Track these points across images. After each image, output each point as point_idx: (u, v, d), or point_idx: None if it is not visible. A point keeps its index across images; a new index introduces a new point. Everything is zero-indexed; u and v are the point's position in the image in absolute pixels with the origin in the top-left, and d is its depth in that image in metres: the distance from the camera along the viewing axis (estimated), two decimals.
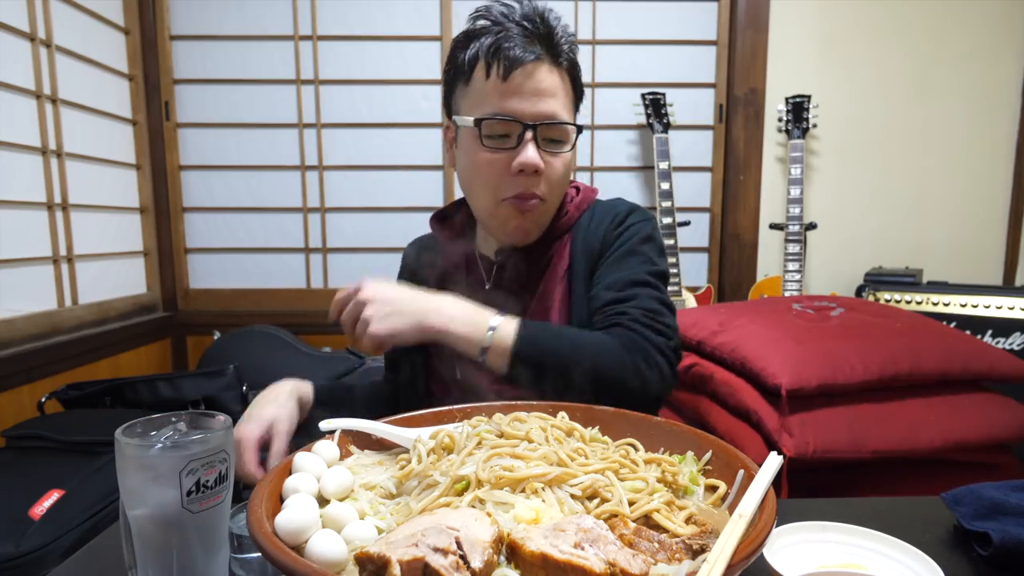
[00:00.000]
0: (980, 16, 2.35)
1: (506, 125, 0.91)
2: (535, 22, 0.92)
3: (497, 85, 0.90)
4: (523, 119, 0.90)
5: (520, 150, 0.90)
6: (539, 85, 0.91)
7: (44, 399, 1.66)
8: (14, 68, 1.70)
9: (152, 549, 0.51)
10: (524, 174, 0.91)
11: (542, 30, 0.92)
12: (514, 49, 0.89)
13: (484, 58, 0.91)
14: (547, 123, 0.91)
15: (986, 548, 0.65)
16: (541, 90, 0.91)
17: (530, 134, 0.90)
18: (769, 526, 0.45)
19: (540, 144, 0.92)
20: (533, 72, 0.90)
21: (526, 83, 0.90)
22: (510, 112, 0.90)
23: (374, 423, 0.67)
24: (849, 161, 2.43)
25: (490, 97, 0.91)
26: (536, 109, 0.91)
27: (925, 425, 1.20)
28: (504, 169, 0.92)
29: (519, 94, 0.90)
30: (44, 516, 1.22)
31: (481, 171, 0.93)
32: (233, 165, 2.39)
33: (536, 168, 0.91)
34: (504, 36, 0.90)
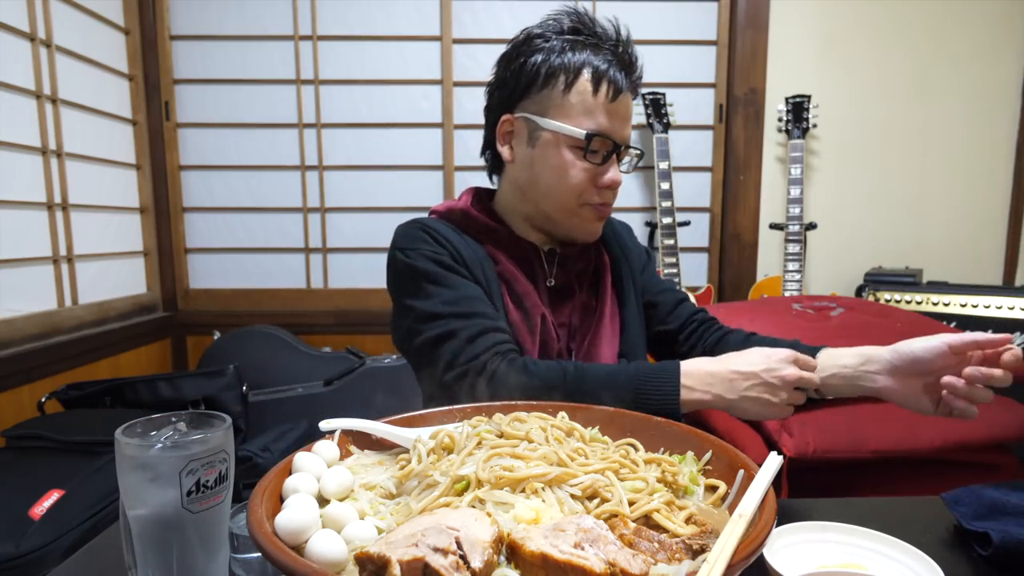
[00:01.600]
0: (980, 16, 2.35)
1: (605, 143, 0.98)
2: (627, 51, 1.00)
3: (605, 104, 0.96)
4: (618, 140, 0.98)
5: (609, 167, 0.99)
6: (628, 112, 1.00)
7: (44, 399, 1.66)
8: (14, 68, 1.70)
9: (152, 549, 0.51)
10: (611, 189, 1.00)
11: (628, 62, 1.00)
12: (618, 75, 0.97)
13: (592, 74, 0.96)
14: (629, 147, 1.02)
15: (986, 548, 0.65)
16: (628, 116, 1.01)
17: (616, 155, 0.99)
18: (769, 526, 0.45)
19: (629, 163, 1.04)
20: (626, 98, 0.99)
21: (622, 108, 0.98)
22: (611, 133, 0.97)
23: (374, 423, 0.67)
24: (849, 161, 2.43)
25: (597, 114, 0.96)
26: (624, 133, 1.00)
27: (925, 425, 1.20)
28: (592, 179, 0.99)
29: (619, 117, 0.98)
30: (44, 516, 1.22)
31: (572, 177, 0.99)
32: (233, 165, 2.39)
33: (618, 184, 1.01)
34: (606, 57, 0.97)
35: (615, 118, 0.98)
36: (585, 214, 1.02)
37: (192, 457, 0.50)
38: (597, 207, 1.01)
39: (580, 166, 0.98)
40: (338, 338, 2.36)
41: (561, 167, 0.99)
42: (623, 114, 0.99)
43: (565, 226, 1.04)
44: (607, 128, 0.97)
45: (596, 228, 1.05)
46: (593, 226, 1.05)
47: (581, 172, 0.98)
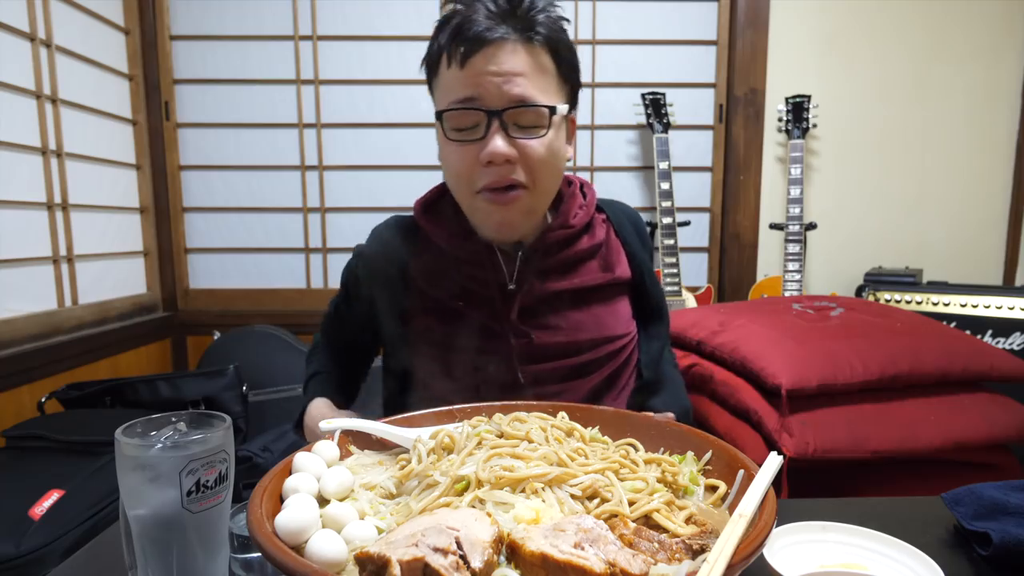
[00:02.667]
0: (980, 16, 2.35)
1: (469, 115, 0.84)
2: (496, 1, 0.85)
3: (457, 72, 0.84)
4: (487, 106, 0.83)
5: (488, 140, 0.83)
6: (502, 66, 0.83)
7: (44, 399, 1.66)
8: (14, 68, 1.70)
9: (152, 549, 0.51)
10: (495, 165, 0.84)
11: (507, 6, 0.85)
12: (473, 31, 0.82)
13: (446, 45, 0.85)
14: (513, 107, 0.83)
15: (986, 548, 0.65)
16: (505, 72, 0.83)
17: (496, 122, 0.83)
18: (769, 526, 0.45)
19: (511, 131, 0.84)
20: (495, 53, 0.83)
21: (487, 66, 0.83)
22: (472, 100, 0.83)
23: (374, 423, 0.67)
24: (849, 161, 2.43)
25: (452, 86, 0.85)
26: (501, 93, 0.83)
27: (925, 425, 1.20)
28: (474, 160, 0.85)
29: (481, 79, 0.83)
30: (44, 516, 1.22)
31: (452, 165, 0.89)
32: (233, 165, 2.39)
33: (505, 158, 0.84)
34: (466, 19, 0.83)
35: (475, 81, 0.83)
36: (479, 204, 0.89)
37: (192, 457, 0.50)
38: (489, 194, 0.87)
39: (452, 148, 0.87)
40: None
41: (444, 157, 0.90)
42: (491, 72, 0.82)
43: (478, 226, 0.93)
44: (464, 96, 0.83)
45: (500, 218, 0.89)
46: (492, 218, 0.89)
47: (455, 154, 0.87)
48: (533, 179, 0.87)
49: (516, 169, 0.86)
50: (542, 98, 0.85)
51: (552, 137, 0.87)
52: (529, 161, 0.86)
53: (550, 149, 0.87)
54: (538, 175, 0.87)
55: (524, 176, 0.86)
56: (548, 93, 0.87)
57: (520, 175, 0.86)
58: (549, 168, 0.89)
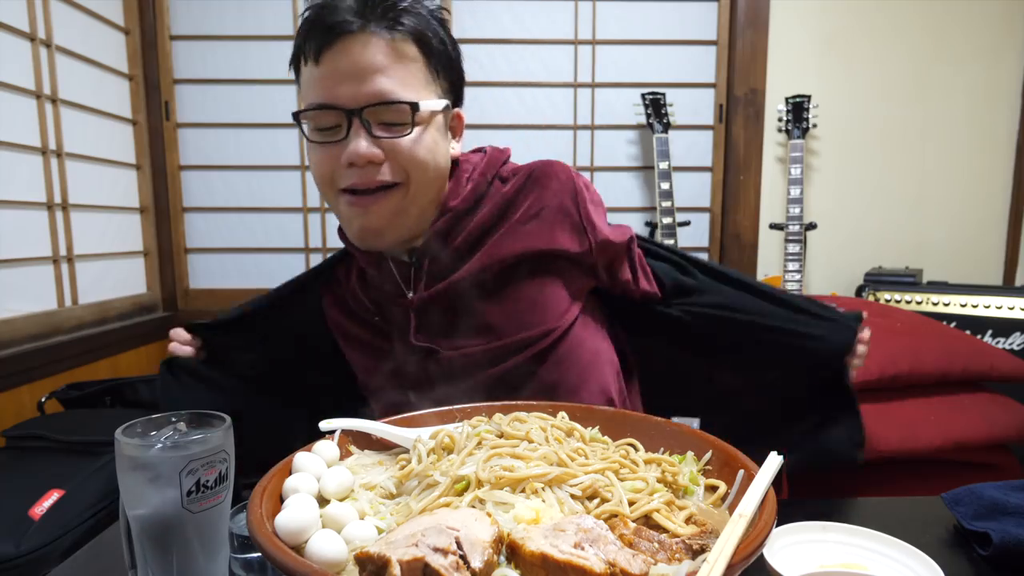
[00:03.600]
0: (980, 16, 2.35)
1: (327, 115, 0.79)
2: None
3: (313, 70, 0.78)
4: (344, 104, 0.77)
5: (348, 141, 0.78)
6: (358, 61, 0.76)
7: (44, 399, 1.66)
8: (14, 68, 1.70)
9: (152, 549, 0.51)
10: (357, 167, 0.79)
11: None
12: (326, 23, 0.76)
13: (301, 42, 0.79)
14: (372, 105, 0.77)
15: (986, 548, 0.65)
16: (362, 68, 0.76)
17: (356, 121, 0.77)
18: (769, 526, 0.45)
19: (375, 130, 0.78)
20: (350, 47, 0.76)
21: (342, 61, 0.76)
22: (327, 99, 0.78)
23: (374, 423, 0.67)
24: (849, 161, 2.43)
25: (310, 85, 0.79)
26: (357, 91, 0.77)
27: (925, 425, 1.20)
28: (336, 161, 0.80)
29: (336, 76, 0.77)
30: (44, 516, 1.21)
31: (315, 167, 0.83)
32: (233, 165, 2.39)
33: (367, 160, 0.78)
34: (321, 12, 0.77)
35: (330, 79, 0.77)
36: (343, 209, 0.83)
37: (192, 457, 0.50)
38: (349, 195, 0.81)
39: (315, 149, 0.81)
40: None
41: (309, 159, 0.84)
42: (346, 68, 0.76)
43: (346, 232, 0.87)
44: (320, 96, 0.78)
45: (362, 223, 0.82)
46: (354, 222, 0.83)
47: (316, 155, 0.82)
48: (408, 176, 0.81)
49: (382, 169, 0.80)
50: (406, 93, 0.79)
51: (423, 135, 0.81)
52: (396, 160, 0.80)
53: (422, 146, 0.81)
54: (409, 173, 0.81)
55: (392, 175, 0.80)
56: (414, 88, 0.80)
57: (387, 174, 0.80)
58: (422, 166, 0.82)
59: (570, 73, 2.40)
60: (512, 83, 2.38)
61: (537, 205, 0.86)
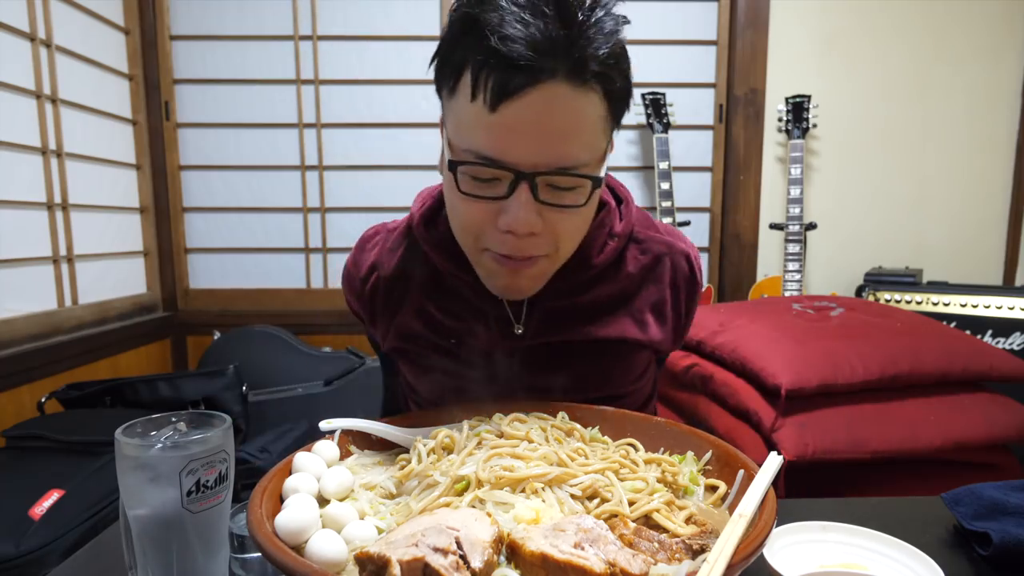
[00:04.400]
0: (980, 16, 2.35)
1: (486, 171, 0.66)
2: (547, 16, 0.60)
3: (484, 115, 0.63)
4: (517, 165, 0.64)
5: (511, 204, 0.66)
6: (543, 121, 0.63)
7: (44, 399, 1.66)
8: (14, 68, 1.70)
9: (152, 549, 0.51)
10: (514, 235, 0.67)
11: (556, 31, 0.60)
12: (510, 61, 0.60)
13: (471, 70, 0.63)
14: (550, 172, 0.65)
15: (986, 548, 0.65)
16: (547, 128, 0.63)
17: (525, 186, 0.65)
18: (769, 526, 0.45)
19: (541, 195, 0.66)
20: (537, 101, 0.62)
21: (524, 116, 0.62)
22: (499, 157, 0.64)
23: (374, 423, 0.67)
24: (849, 161, 2.43)
25: (474, 129, 0.64)
26: (535, 152, 0.64)
27: (925, 425, 1.20)
28: (489, 219, 0.68)
29: (514, 132, 0.63)
30: (44, 516, 1.22)
31: (460, 219, 0.72)
32: (233, 165, 2.39)
33: (530, 231, 0.67)
34: (501, 38, 0.60)
35: (505, 132, 0.63)
36: (487, 264, 0.73)
37: (192, 457, 0.50)
38: (498, 258, 0.70)
39: (463, 203, 0.69)
40: (338, 338, 2.36)
41: (451, 204, 0.73)
42: (527, 125, 0.62)
43: (478, 272, 0.77)
44: (487, 147, 0.64)
45: (507, 283, 0.74)
46: (498, 280, 0.74)
47: (465, 208, 0.69)
48: (556, 248, 0.72)
49: (539, 243, 0.69)
50: (587, 154, 0.66)
51: (590, 204, 0.70)
52: (557, 230, 0.69)
53: (583, 218, 0.72)
54: (563, 246, 0.72)
55: (545, 248, 0.70)
56: (595, 144, 0.67)
57: (542, 248, 0.70)
58: (577, 236, 0.74)
59: None
60: None
61: (654, 296, 0.84)
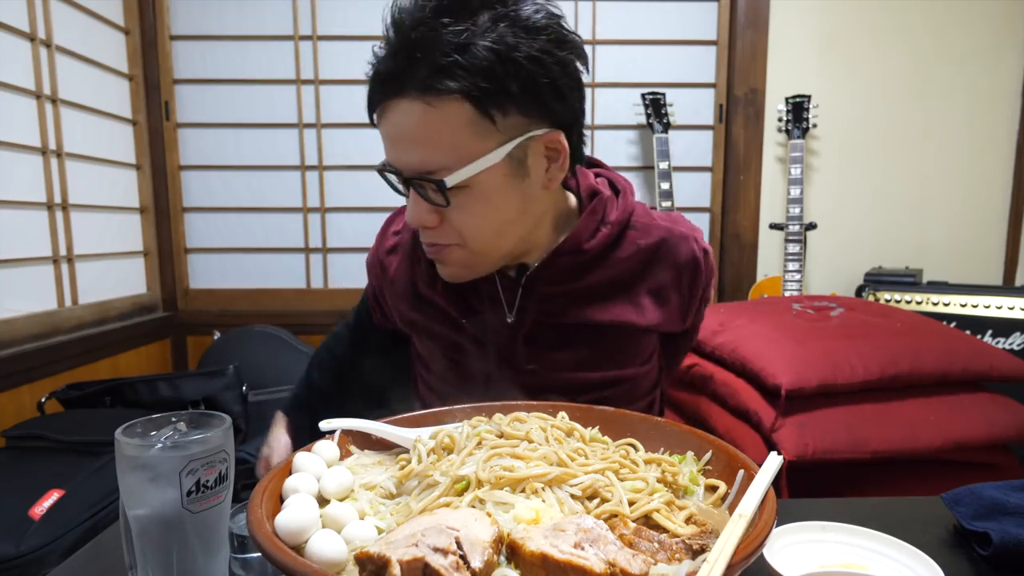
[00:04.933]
0: (981, 16, 2.35)
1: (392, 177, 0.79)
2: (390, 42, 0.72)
3: (381, 128, 0.77)
4: (399, 169, 0.76)
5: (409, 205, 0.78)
6: (398, 131, 0.74)
7: (44, 399, 1.66)
8: (14, 68, 1.70)
9: (152, 549, 0.51)
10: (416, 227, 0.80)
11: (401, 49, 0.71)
12: (374, 83, 0.74)
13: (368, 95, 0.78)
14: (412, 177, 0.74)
15: (986, 548, 0.65)
16: (402, 136, 0.74)
17: (411, 187, 0.76)
18: (769, 526, 0.45)
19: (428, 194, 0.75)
20: (391, 114, 0.74)
21: (389, 127, 0.75)
22: (390, 161, 0.76)
23: (374, 423, 0.67)
24: (849, 161, 2.43)
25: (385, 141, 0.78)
26: (402, 160, 0.75)
27: (925, 425, 1.20)
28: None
29: (388, 140, 0.76)
30: (44, 516, 1.22)
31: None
32: (233, 165, 2.39)
33: (420, 224, 0.78)
34: (374, 66, 0.75)
35: (387, 141, 0.76)
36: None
37: (192, 457, 0.50)
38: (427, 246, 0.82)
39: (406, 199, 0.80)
40: None
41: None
42: (393, 135, 0.75)
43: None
44: (386, 155, 0.77)
45: (441, 270, 0.84)
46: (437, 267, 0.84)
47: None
48: (462, 239, 0.79)
49: (439, 233, 0.78)
50: (446, 161, 0.72)
51: (471, 197, 0.75)
52: (452, 222, 0.77)
53: (469, 212, 0.76)
54: (467, 233, 0.78)
55: (448, 238, 0.79)
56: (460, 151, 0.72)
57: (445, 238, 0.79)
58: (476, 230, 0.78)
59: None
60: None
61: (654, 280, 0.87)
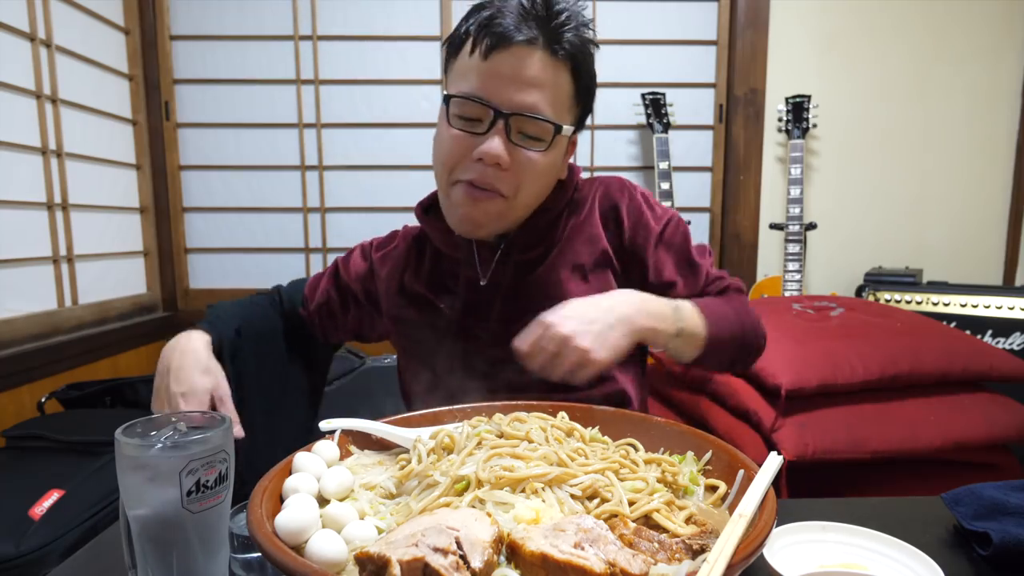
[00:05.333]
0: (980, 16, 2.35)
1: (476, 108, 0.82)
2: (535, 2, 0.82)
3: (478, 63, 0.82)
4: (497, 106, 0.81)
5: (487, 138, 0.82)
6: (522, 71, 0.81)
7: (44, 399, 1.66)
8: (14, 68, 1.70)
9: (152, 549, 0.51)
10: (484, 163, 0.83)
11: (541, 11, 0.82)
12: (503, 26, 0.80)
13: (474, 32, 0.82)
14: (522, 115, 0.81)
15: (986, 548, 0.65)
16: (523, 78, 0.81)
17: (501, 123, 0.82)
18: (769, 526, 0.45)
19: (513, 137, 0.83)
20: (519, 56, 0.80)
21: (506, 66, 0.81)
22: (484, 95, 0.81)
23: (374, 423, 0.67)
24: (849, 161, 2.43)
25: (469, 75, 0.83)
26: (513, 97, 0.81)
27: (925, 425, 1.20)
28: (466, 151, 0.83)
29: (498, 77, 0.81)
30: (44, 516, 1.21)
31: (443, 148, 0.86)
32: (233, 165, 2.39)
33: (498, 160, 0.82)
34: (499, 11, 0.81)
35: (492, 77, 0.81)
36: (455, 195, 0.87)
37: (192, 457, 0.50)
38: (467, 188, 0.85)
39: (449, 134, 0.85)
40: None
41: (438, 139, 0.89)
42: (509, 73, 0.80)
43: (446, 214, 0.91)
44: (477, 88, 0.81)
45: (467, 212, 0.87)
46: (461, 210, 0.87)
47: (449, 140, 0.85)
48: (515, 191, 0.85)
49: (503, 177, 0.84)
50: (552, 113, 0.84)
51: (550, 154, 0.86)
52: (520, 171, 0.84)
53: (543, 166, 0.86)
54: (523, 188, 0.86)
55: (507, 186, 0.84)
56: (559, 110, 0.85)
57: (504, 184, 0.84)
58: (536, 183, 0.87)
59: None
60: None
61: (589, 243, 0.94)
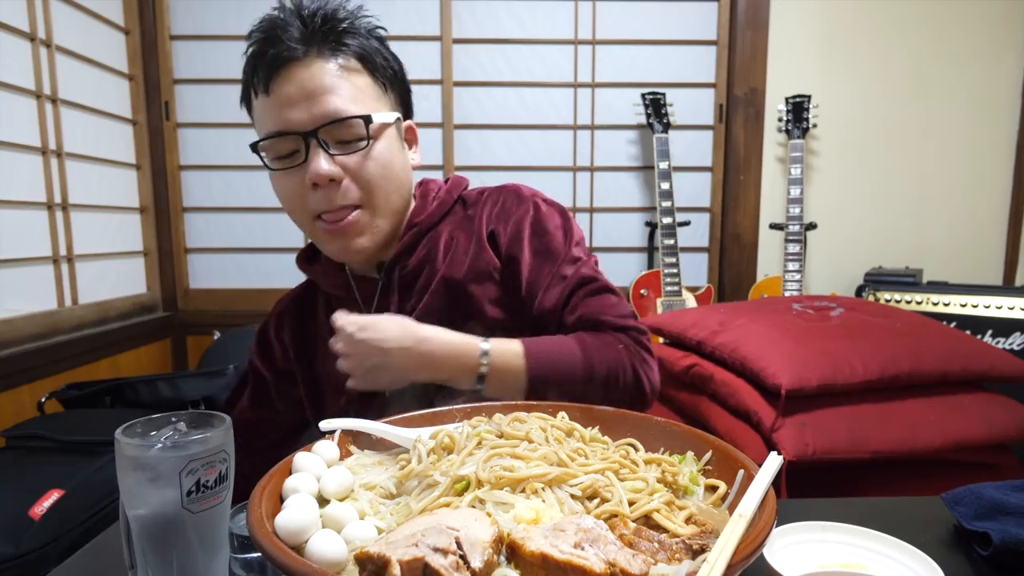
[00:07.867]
0: (980, 16, 2.35)
1: (285, 142, 0.81)
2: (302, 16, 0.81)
3: (265, 101, 0.81)
4: (297, 129, 0.80)
5: (309, 162, 0.80)
6: (306, 85, 0.79)
7: (44, 399, 1.66)
8: (14, 68, 1.70)
9: (152, 549, 0.51)
10: (321, 187, 0.81)
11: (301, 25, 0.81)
12: (268, 55, 0.79)
13: (249, 75, 0.82)
14: (326, 124, 0.80)
15: (986, 548, 0.65)
16: (310, 91, 0.79)
17: (313, 142, 0.80)
18: (769, 526, 0.45)
19: (333, 149, 0.81)
20: (297, 74, 0.80)
21: (291, 88, 0.79)
22: (282, 126, 0.80)
23: (374, 423, 0.67)
24: (849, 161, 2.43)
25: (263, 116, 0.82)
26: (311, 113, 0.79)
27: (925, 425, 1.20)
28: (302, 186, 0.82)
29: (288, 102, 0.79)
30: (44, 516, 1.21)
31: (282, 194, 0.85)
32: (233, 165, 2.39)
33: (330, 176, 0.80)
34: (264, 44, 0.80)
35: (283, 106, 0.79)
36: (319, 233, 0.85)
37: (192, 457, 0.50)
38: (324, 223, 0.83)
39: (278, 177, 0.83)
40: None
41: (274, 189, 0.87)
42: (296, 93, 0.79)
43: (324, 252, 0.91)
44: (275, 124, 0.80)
45: (341, 246, 0.85)
46: (333, 245, 0.86)
47: (282, 185, 0.84)
48: (368, 195, 0.84)
49: (346, 190, 0.82)
50: (356, 108, 0.82)
51: (379, 148, 0.84)
52: (357, 176, 0.82)
53: (378, 160, 0.84)
54: (371, 190, 0.84)
55: (356, 194, 0.83)
56: (364, 103, 0.83)
57: (351, 195, 0.83)
58: (383, 180, 0.85)
59: (570, 73, 2.40)
60: (512, 83, 2.38)
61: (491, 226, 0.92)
